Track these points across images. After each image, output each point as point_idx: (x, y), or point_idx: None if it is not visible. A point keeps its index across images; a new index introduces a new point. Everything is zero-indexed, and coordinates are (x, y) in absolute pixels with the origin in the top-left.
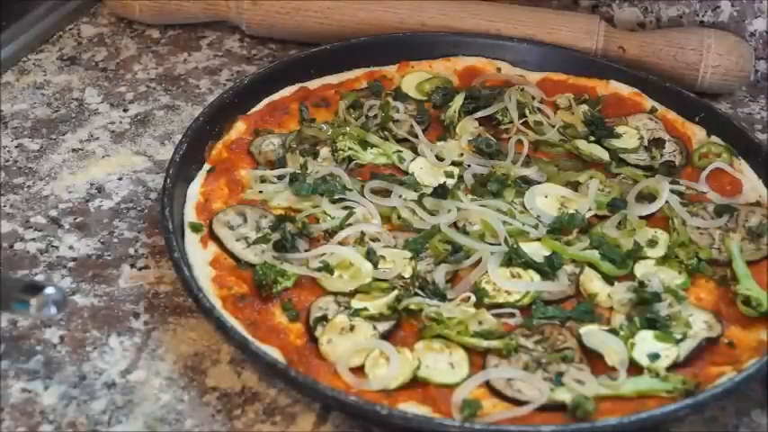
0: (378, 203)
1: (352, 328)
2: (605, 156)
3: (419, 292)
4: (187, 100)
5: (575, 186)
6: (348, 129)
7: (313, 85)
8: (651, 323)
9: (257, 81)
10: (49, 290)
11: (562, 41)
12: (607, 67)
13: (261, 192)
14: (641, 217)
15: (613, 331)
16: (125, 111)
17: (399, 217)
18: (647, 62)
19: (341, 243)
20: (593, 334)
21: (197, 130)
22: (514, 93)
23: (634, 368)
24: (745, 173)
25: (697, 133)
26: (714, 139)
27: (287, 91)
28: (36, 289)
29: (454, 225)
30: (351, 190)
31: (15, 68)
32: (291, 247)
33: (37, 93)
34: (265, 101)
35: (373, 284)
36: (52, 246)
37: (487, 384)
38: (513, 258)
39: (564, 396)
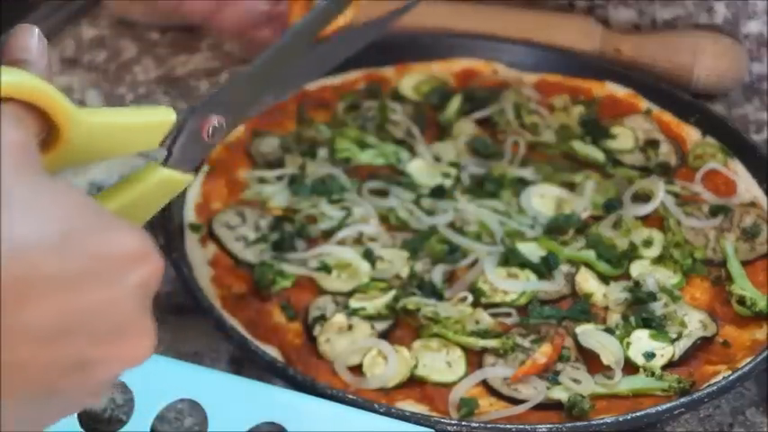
0: (376, 204)
1: (350, 327)
2: (601, 157)
3: (417, 291)
4: (187, 101)
5: (570, 187)
6: (346, 130)
7: (311, 86)
8: (646, 322)
9: None
10: None
11: (558, 43)
12: (603, 69)
13: (259, 192)
14: (637, 217)
15: (609, 330)
16: None
17: (397, 217)
18: (643, 64)
19: (339, 243)
20: (589, 333)
21: None
22: (511, 94)
23: (630, 367)
24: (739, 173)
25: (692, 134)
26: (709, 139)
27: None
28: None
29: (451, 225)
30: (349, 190)
31: None
32: (290, 248)
33: None
34: None
35: (371, 284)
36: None
37: (484, 383)
38: (510, 258)
39: (560, 395)
